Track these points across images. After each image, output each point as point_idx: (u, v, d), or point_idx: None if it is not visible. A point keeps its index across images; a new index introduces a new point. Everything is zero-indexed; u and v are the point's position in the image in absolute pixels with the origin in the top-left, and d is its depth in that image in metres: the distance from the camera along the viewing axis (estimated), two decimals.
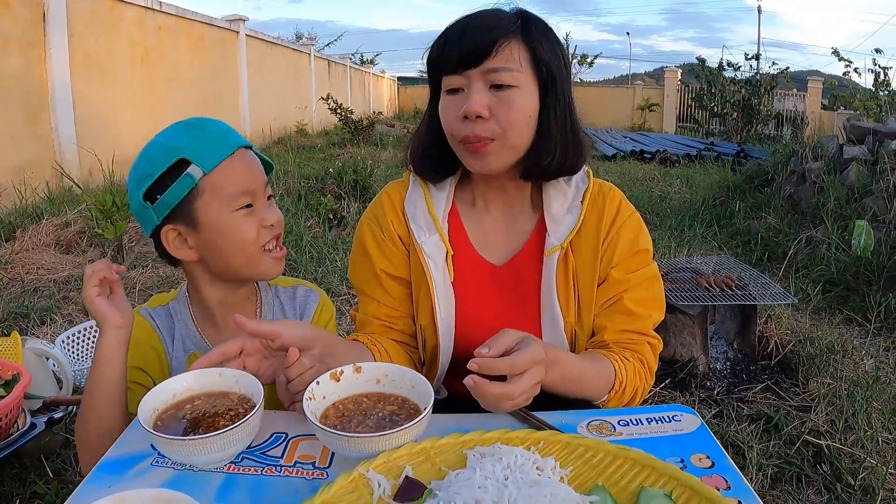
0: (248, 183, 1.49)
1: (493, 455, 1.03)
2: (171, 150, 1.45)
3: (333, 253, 5.48)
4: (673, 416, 1.29)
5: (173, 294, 1.69)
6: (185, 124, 1.52)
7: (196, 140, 1.47)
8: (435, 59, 1.54)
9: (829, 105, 18.62)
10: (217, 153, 1.46)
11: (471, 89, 1.47)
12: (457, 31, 1.50)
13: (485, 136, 1.46)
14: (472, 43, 1.46)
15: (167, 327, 1.62)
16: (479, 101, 1.45)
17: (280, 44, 18.01)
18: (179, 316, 1.63)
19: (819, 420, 3.03)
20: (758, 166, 8.73)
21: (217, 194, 1.46)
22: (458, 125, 1.49)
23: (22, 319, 4.18)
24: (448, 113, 1.51)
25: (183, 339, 1.61)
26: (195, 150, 1.45)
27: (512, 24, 1.50)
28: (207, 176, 1.45)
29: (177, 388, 1.23)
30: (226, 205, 1.46)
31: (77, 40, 8.59)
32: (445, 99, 1.53)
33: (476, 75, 1.46)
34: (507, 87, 1.46)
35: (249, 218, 1.49)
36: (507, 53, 1.46)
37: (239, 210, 1.48)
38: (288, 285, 1.75)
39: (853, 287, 4.92)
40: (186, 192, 1.44)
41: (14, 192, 6.87)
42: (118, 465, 1.15)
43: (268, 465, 1.14)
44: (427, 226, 1.63)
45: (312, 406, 1.14)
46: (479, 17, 1.51)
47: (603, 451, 1.08)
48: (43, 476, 2.49)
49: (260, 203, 1.52)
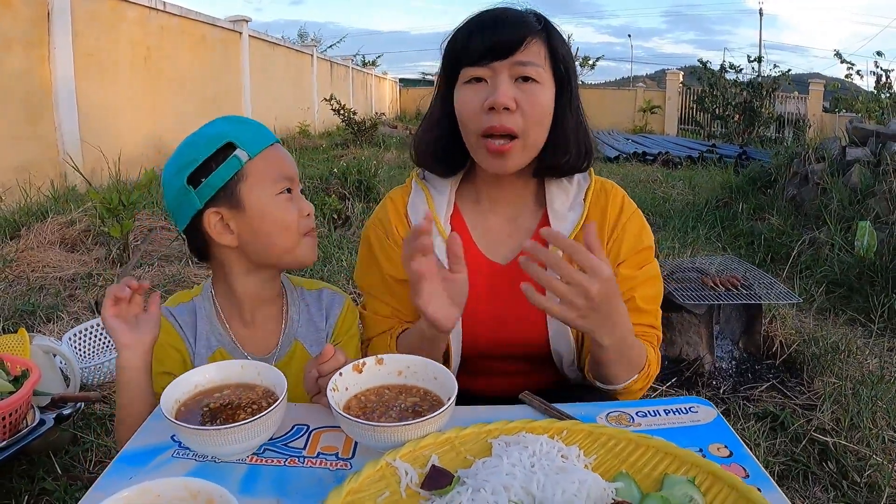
0: (288, 169, 1.54)
1: (518, 443, 1.04)
2: (217, 136, 1.49)
3: (339, 252, 5.48)
4: (690, 407, 1.30)
5: (197, 290, 1.68)
6: (225, 118, 1.57)
7: (239, 128, 1.52)
8: (459, 48, 1.54)
9: (830, 108, 18.61)
10: (260, 140, 1.51)
11: (497, 80, 1.47)
12: (487, 23, 1.51)
13: (510, 128, 1.46)
14: (504, 35, 1.48)
15: (189, 325, 1.61)
16: (507, 93, 1.46)
17: (282, 45, 18.03)
18: (204, 312, 1.62)
19: (825, 418, 3.03)
20: (760, 168, 8.71)
21: (261, 178, 1.49)
22: (480, 117, 1.49)
23: (28, 317, 4.17)
24: (469, 104, 1.51)
25: (207, 335, 1.60)
26: (239, 136, 1.49)
27: (538, 23, 1.53)
28: (252, 160, 1.49)
29: (199, 380, 1.24)
30: (269, 188, 1.50)
31: (80, 40, 8.60)
32: (465, 89, 1.53)
33: (503, 67, 1.47)
34: (532, 82, 1.48)
35: (290, 203, 1.53)
36: (535, 49, 1.49)
37: (281, 194, 1.51)
38: (313, 287, 1.75)
39: (856, 288, 4.92)
40: (232, 175, 1.47)
41: (18, 191, 6.86)
42: (139, 457, 1.15)
43: (291, 456, 1.14)
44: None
45: (336, 397, 1.15)
46: (508, 12, 1.53)
47: (625, 440, 1.09)
48: (51, 472, 2.48)
49: (296, 192, 1.56)
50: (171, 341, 1.57)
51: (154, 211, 6.54)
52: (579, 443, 1.09)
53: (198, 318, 1.61)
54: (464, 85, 1.53)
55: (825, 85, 20.92)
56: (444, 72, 1.61)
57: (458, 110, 1.55)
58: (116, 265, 5.17)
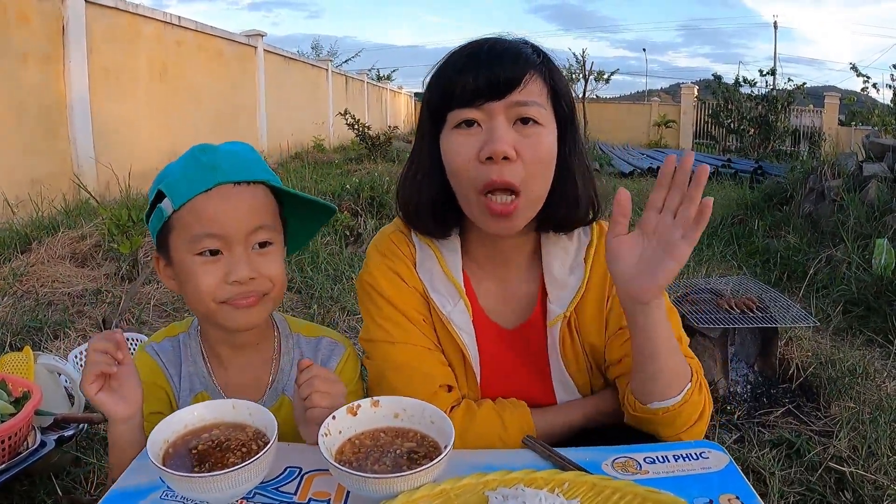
0: (216, 225, 1.32)
1: (516, 498, 0.99)
2: (158, 179, 1.40)
3: (350, 270, 5.44)
4: (700, 452, 1.25)
5: (184, 325, 1.58)
6: (194, 150, 1.40)
7: (180, 170, 1.38)
8: (445, 88, 1.36)
9: (845, 121, 18.51)
10: (190, 188, 1.33)
11: (493, 125, 1.31)
12: (479, 57, 1.34)
13: (511, 182, 1.30)
14: (500, 71, 1.30)
15: (173, 363, 1.52)
16: (505, 139, 1.29)
17: (298, 59, 18.13)
18: (188, 351, 1.52)
19: (842, 446, 2.96)
20: (776, 184, 8.66)
21: (182, 233, 1.35)
22: (474, 168, 1.32)
23: (35, 333, 4.16)
24: (460, 153, 1.33)
25: (190, 376, 1.50)
26: (172, 182, 1.36)
27: (537, 57, 1.38)
28: (177, 212, 1.34)
29: (188, 419, 1.20)
30: (187, 246, 1.34)
31: (96, 55, 8.64)
32: (455, 136, 1.35)
33: (500, 108, 1.31)
34: (533, 124, 1.32)
35: (210, 267, 1.34)
36: (535, 86, 1.34)
37: (201, 255, 1.34)
38: (312, 334, 1.60)
39: (874, 307, 4.84)
40: (161, 225, 1.38)
41: (31, 205, 6.87)
42: (127, 497, 1.11)
43: (281, 501, 1.10)
44: (449, 294, 1.49)
45: (328, 442, 1.11)
46: (503, 45, 1.37)
47: (631, 494, 1.04)
48: (52, 494, 2.45)
49: (235, 252, 1.34)
50: (156, 379, 1.49)
51: None
52: (581, 496, 1.03)
53: (182, 357, 1.52)
54: (453, 130, 1.35)
55: (841, 98, 20.83)
56: (430, 114, 1.42)
57: (449, 160, 1.37)
58: (125, 281, 5.16)
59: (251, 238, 1.36)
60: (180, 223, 1.34)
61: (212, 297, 1.34)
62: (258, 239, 1.37)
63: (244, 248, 1.35)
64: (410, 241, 1.54)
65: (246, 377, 1.51)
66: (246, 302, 1.36)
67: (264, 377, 1.52)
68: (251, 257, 1.36)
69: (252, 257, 1.36)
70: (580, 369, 1.51)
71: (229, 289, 1.34)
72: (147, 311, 4.59)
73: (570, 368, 1.49)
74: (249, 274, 1.34)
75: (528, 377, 1.53)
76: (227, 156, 1.38)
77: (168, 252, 1.39)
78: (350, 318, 4.54)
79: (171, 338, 1.55)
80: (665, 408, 1.32)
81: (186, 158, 1.39)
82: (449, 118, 1.36)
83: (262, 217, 1.37)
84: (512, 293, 1.54)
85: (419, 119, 1.48)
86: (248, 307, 1.37)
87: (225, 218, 1.32)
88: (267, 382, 1.52)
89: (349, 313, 4.64)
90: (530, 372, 1.53)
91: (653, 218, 1.22)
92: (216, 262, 1.34)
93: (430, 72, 1.43)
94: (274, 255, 1.40)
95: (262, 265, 1.37)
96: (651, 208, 1.22)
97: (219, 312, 1.36)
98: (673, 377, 1.32)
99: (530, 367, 1.53)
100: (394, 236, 1.55)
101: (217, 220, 1.32)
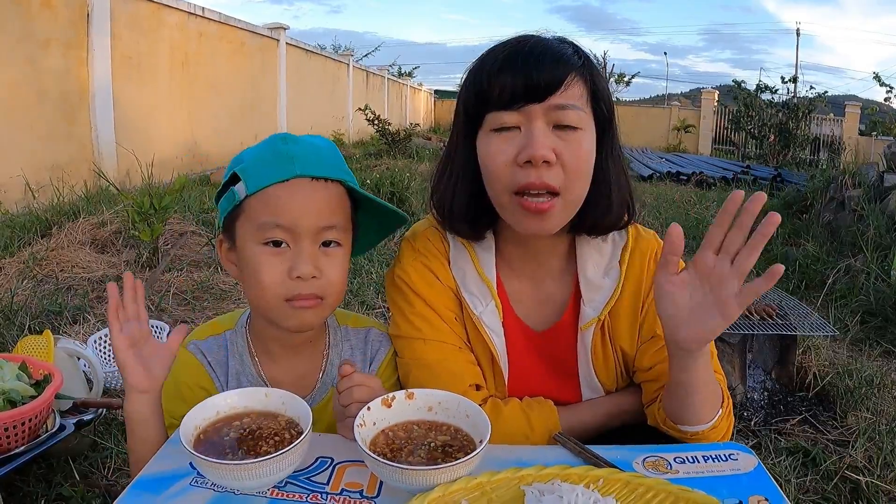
0: (287, 217, 1.29)
1: (552, 493, 0.99)
2: (236, 160, 1.37)
3: (369, 265, 5.44)
4: (730, 454, 1.24)
5: (229, 322, 1.53)
6: (275, 137, 1.36)
7: (259, 156, 1.34)
8: (482, 89, 1.32)
9: (866, 131, 18.40)
10: (267, 175, 1.30)
11: (532, 128, 1.27)
12: (518, 57, 1.30)
13: (551, 185, 1.27)
14: (539, 74, 1.27)
15: (219, 362, 1.47)
16: (545, 143, 1.26)
17: (319, 53, 18.13)
18: (235, 349, 1.48)
19: (857, 456, 2.95)
20: (796, 192, 8.60)
21: (251, 219, 1.32)
22: (512, 172, 1.29)
23: (55, 317, 4.18)
24: (499, 157, 1.30)
25: (238, 374, 1.46)
26: (249, 166, 1.33)
27: (578, 58, 1.33)
28: (250, 197, 1.31)
29: (220, 405, 1.19)
30: (254, 233, 1.32)
31: (119, 42, 8.69)
32: (492, 139, 1.32)
33: (538, 112, 1.27)
34: (573, 129, 1.29)
35: (275, 259, 1.31)
36: (576, 90, 1.30)
37: (266, 245, 1.31)
38: (360, 325, 1.57)
39: (892, 319, 4.81)
40: (231, 208, 1.34)
41: (52, 189, 6.91)
42: (155, 483, 1.11)
43: (313, 491, 1.10)
44: (481, 294, 1.47)
45: (363, 433, 1.10)
46: (543, 45, 1.32)
47: (664, 492, 1.03)
48: (69, 478, 2.46)
49: (301, 246, 1.31)
50: (200, 381, 1.45)
51: (185, 216, 6.55)
52: (616, 493, 1.03)
53: (229, 355, 1.47)
54: (490, 133, 1.32)
55: (862, 108, 20.70)
56: (466, 115, 1.39)
57: (485, 163, 1.34)
58: (146, 269, 5.18)
59: (320, 235, 1.33)
60: (251, 209, 1.31)
61: (273, 292, 1.31)
62: (327, 237, 1.34)
63: (311, 244, 1.32)
64: (445, 238, 1.52)
65: (296, 372, 1.48)
66: (305, 304, 1.33)
67: (314, 372, 1.50)
68: (317, 255, 1.33)
69: (317, 255, 1.33)
70: (609, 373, 1.49)
71: (291, 284, 1.31)
72: (167, 298, 4.60)
73: (599, 372, 1.48)
74: (312, 272, 1.30)
75: (555, 379, 1.52)
76: (308, 149, 1.34)
77: (233, 237, 1.36)
78: (369, 312, 4.54)
79: (217, 336, 1.50)
80: (694, 432, 1.32)
81: (266, 145, 1.36)
82: (486, 120, 1.33)
83: (334, 216, 1.34)
84: (544, 295, 1.52)
85: (454, 118, 1.45)
86: (306, 309, 1.33)
87: (297, 211, 1.29)
88: (317, 377, 1.49)
89: (368, 307, 4.64)
90: (558, 374, 1.52)
91: (709, 259, 1.16)
92: (281, 254, 1.31)
93: (467, 70, 1.40)
94: (339, 257, 1.37)
95: (326, 265, 1.33)
96: (708, 247, 1.17)
97: (277, 310, 1.34)
98: (705, 407, 1.31)
99: (558, 370, 1.52)
100: (428, 232, 1.54)
101: (288, 212, 1.29)
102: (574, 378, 1.50)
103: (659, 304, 1.22)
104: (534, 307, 1.53)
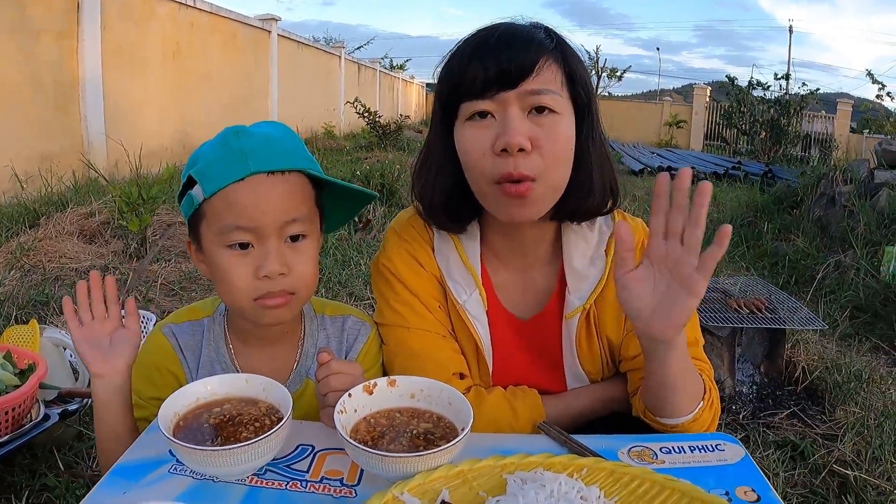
0: (247, 218, 1.25)
1: (535, 482, 0.97)
2: (191, 161, 1.32)
3: (358, 256, 5.43)
4: (716, 444, 1.22)
5: (209, 309, 1.50)
6: (227, 132, 1.31)
7: (212, 156, 1.29)
8: (456, 78, 1.30)
9: (857, 128, 18.46)
10: (222, 176, 1.25)
11: (506, 115, 1.26)
12: (488, 45, 1.28)
13: (528, 175, 1.25)
14: (510, 59, 1.25)
15: (192, 347, 1.45)
16: (520, 130, 1.24)
17: (311, 45, 18.08)
18: (211, 336, 1.45)
19: (846, 450, 2.95)
20: (787, 188, 8.62)
21: (212, 223, 1.28)
22: (489, 161, 1.27)
23: (42, 308, 4.16)
24: (475, 147, 1.28)
25: (211, 363, 1.43)
26: (204, 167, 1.28)
27: (550, 41, 1.31)
28: (208, 200, 1.26)
29: (201, 392, 1.18)
30: (217, 237, 1.28)
31: (110, 32, 8.63)
32: (468, 129, 1.30)
33: (512, 98, 1.25)
34: (550, 113, 1.27)
35: (242, 260, 1.27)
36: (549, 74, 1.27)
37: (231, 247, 1.27)
38: (337, 313, 1.53)
39: (881, 315, 4.83)
40: (192, 211, 1.31)
41: (40, 180, 6.87)
42: (134, 471, 1.09)
43: (293, 479, 1.08)
44: (466, 282, 1.45)
45: (343, 420, 1.08)
46: (513, 31, 1.30)
47: (649, 482, 1.02)
48: (54, 468, 2.45)
49: (266, 245, 1.27)
50: (168, 364, 1.43)
51: (174, 206, 6.51)
52: (600, 483, 1.01)
53: (203, 342, 1.45)
54: (466, 123, 1.31)
55: (854, 105, 20.76)
56: (441, 107, 1.37)
57: (463, 154, 1.32)
58: (133, 259, 5.16)
59: (284, 231, 1.29)
60: (211, 212, 1.27)
61: (243, 294, 1.28)
62: (291, 232, 1.30)
63: (276, 241, 1.28)
64: (429, 226, 1.50)
65: (271, 362, 1.45)
66: (276, 302, 1.29)
67: (289, 362, 1.47)
68: (283, 251, 1.29)
69: (284, 251, 1.29)
70: (594, 363, 1.48)
71: (260, 284, 1.27)
72: (154, 289, 4.58)
73: (584, 361, 1.47)
74: (280, 269, 1.27)
75: (540, 369, 1.50)
76: (262, 141, 1.29)
77: (198, 238, 1.33)
78: (357, 303, 4.53)
79: (194, 321, 1.47)
80: (674, 424, 1.31)
81: (219, 142, 1.30)
82: (461, 110, 1.31)
83: (297, 209, 1.30)
84: (529, 284, 1.51)
85: (432, 111, 1.44)
86: (277, 307, 1.31)
87: (256, 210, 1.25)
88: (291, 366, 1.47)
89: (356, 298, 4.63)
90: (543, 363, 1.51)
91: (660, 246, 1.14)
92: (246, 255, 1.27)
93: (441, 63, 1.38)
94: (307, 249, 1.33)
95: (294, 260, 1.30)
96: (655, 235, 1.14)
97: (249, 310, 1.31)
98: (685, 398, 1.29)
99: (543, 359, 1.51)
100: (413, 220, 1.52)
101: (248, 213, 1.24)
102: (559, 368, 1.49)
103: (624, 302, 1.19)
104: (519, 296, 1.51)
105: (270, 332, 1.43)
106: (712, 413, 1.34)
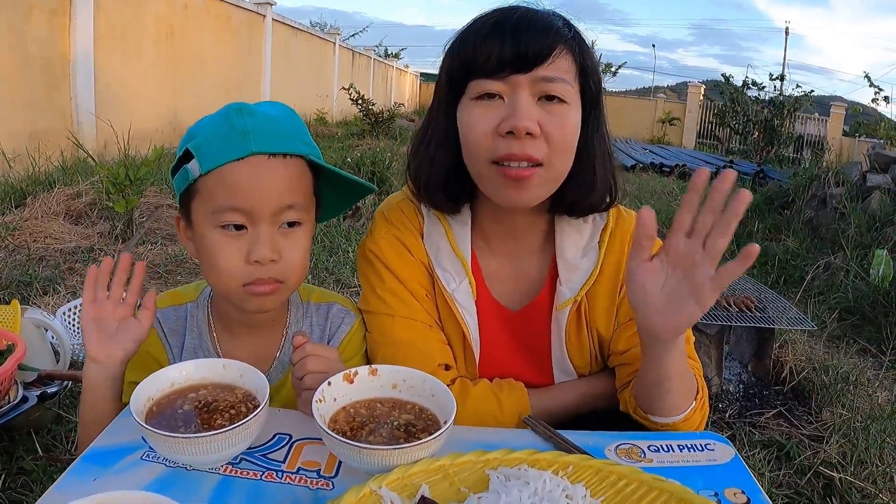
0: (243, 199, 1.22)
1: (518, 479, 0.94)
2: (189, 134, 1.29)
3: (346, 244, 5.40)
4: (706, 444, 1.20)
5: (193, 293, 1.47)
6: (230, 108, 1.26)
7: (212, 131, 1.25)
8: (468, 55, 1.28)
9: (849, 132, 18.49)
10: (221, 153, 1.22)
11: (516, 98, 1.24)
12: (507, 26, 1.25)
13: (535, 157, 1.24)
14: (528, 43, 1.23)
15: (175, 332, 1.42)
16: (529, 115, 1.22)
17: (306, 31, 18.01)
18: (195, 322, 1.42)
19: (832, 452, 2.94)
20: (779, 188, 8.61)
21: (206, 201, 1.25)
22: (492, 141, 1.25)
23: (25, 288, 4.11)
24: (479, 125, 1.26)
25: (194, 349, 1.40)
26: (202, 142, 1.24)
27: (568, 30, 1.30)
28: (204, 176, 1.23)
29: (175, 377, 1.14)
30: (210, 216, 1.24)
31: (103, 12, 8.54)
32: (474, 107, 1.28)
33: (524, 82, 1.24)
34: (560, 102, 1.25)
35: (235, 242, 1.24)
36: (564, 63, 1.26)
37: (224, 228, 1.24)
38: (322, 300, 1.51)
39: (870, 317, 4.84)
40: (185, 186, 1.27)
41: (28, 159, 6.80)
42: (106, 457, 1.07)
43: (269, 469, 1.05)
44: (455, 270, 1.43)
45: (322, 409, 1.05)
46: (532, 15, 1.28)
47: (637, 481, 0.99)
48: (31, 452, 2.41)
49: (259, 229, 1.24)
50: (150, 348, 1.39)
51: (161, 188, 6.47)
52: (586, 481, 0.98)
53: (187, 328, 1.42)
54: (473, 101, 1.28)
55: (847, 108, 20.81)
56: (449, 82, 1.35)
57: (465, 132, 1.30)
58: (119, 241, 5.11)
59: (279, 217, 1.26)
60: (205, 189, 1.24)
61: (231, 277, 1.25)
62: (287, 219, 1.27)
63: (270, 226, 1.25)
64: (419, 211, 1.48)
65: (254, 350, 1.42)
66: (264, 289, 1.27)
67: (272, 350, 1.44)
68: (276, 237, 1.26)
69: (277, 237, 1.26)
70: (583, 356, 1.46)
71: (249, 269, 1.24)
72: None
73: (572, 354, 1.45)
74: (271, 256, 1.24)
75: (528, 361, 1.48)
76: (265, 121, 1.26)
77: (190, 216, 1.29)
78: (344, 290, 4.50)
79: (178, 306, 1.45)
80: (665, 423, 1.29)
81: (220, 118, 1.26)
82: (469, 87, 1.29)
83: (294, 195, 1.27)
84: (520, 273, 1.48)
85: (436, 86, 1.41)
86: (264, 294, 1.28)
87: (254, 193, 1.22)
88: (275, 354, 1.44)
89: (344, 286, 4.60)
90: (531, 356, 1.48)
91: (681, 243, 1.10)
92: (238, 237, 1.24)
93: (453, 37, 1.35)
94: (300, 237, 1.31)
95: (286, 247, 1.27)
96: (678, 231, 1.11)
97: (236, 295, 1.28)
98: (678, 398, 1.27)
99: (531, 351, 1.48)
100: (403, 204, 1.49)
101: (245, 194, 1.21)
102: (547, 360, 1.47)
103: (630, 292, 1.17)
104: (509, 286, 1.48)
105: (255, 320, 1.40)
106: (703, 413, 1.32)
